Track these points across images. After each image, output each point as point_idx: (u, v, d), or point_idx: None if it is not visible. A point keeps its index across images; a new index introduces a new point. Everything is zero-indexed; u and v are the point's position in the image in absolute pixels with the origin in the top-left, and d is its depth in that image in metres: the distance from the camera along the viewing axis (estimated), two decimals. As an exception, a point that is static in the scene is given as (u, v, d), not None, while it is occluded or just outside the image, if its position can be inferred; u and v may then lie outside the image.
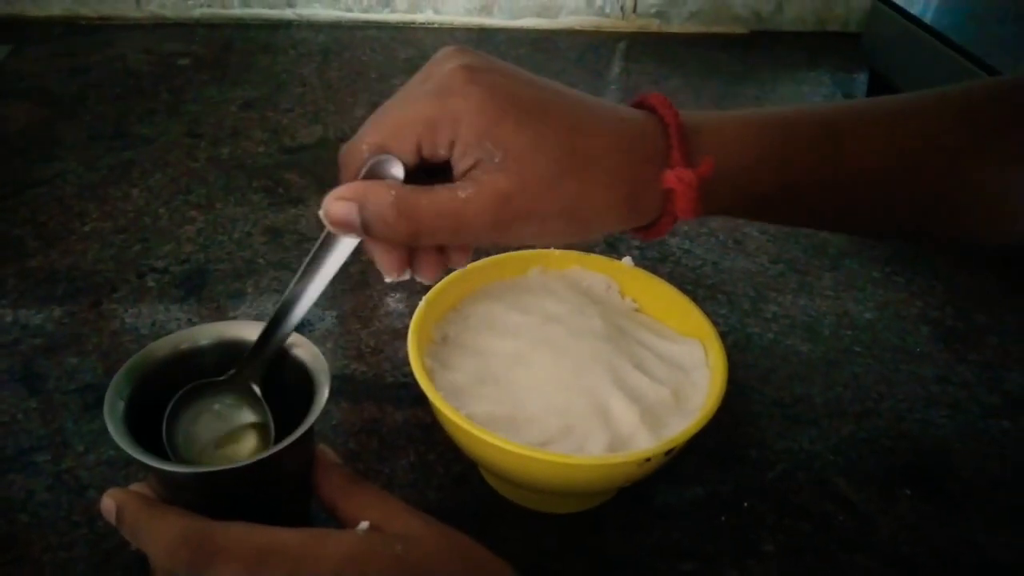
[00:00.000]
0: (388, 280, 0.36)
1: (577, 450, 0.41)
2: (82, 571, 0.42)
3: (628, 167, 0.35)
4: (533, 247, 0.32)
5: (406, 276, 0.36)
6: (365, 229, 0.33)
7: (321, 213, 0.33)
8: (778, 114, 0.40)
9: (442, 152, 0.33)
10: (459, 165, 0.33)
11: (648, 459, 0.40)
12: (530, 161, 0.33)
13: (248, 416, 0.37)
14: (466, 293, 0.50)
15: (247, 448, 0.37)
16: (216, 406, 0.37)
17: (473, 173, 0.33)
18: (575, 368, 0.45)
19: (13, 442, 0.49)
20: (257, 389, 0.37)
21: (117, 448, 0.48)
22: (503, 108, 0.32)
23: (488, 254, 0.51)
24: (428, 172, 0.34)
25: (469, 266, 0.50)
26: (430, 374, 0.44)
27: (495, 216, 0.33)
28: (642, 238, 0.39)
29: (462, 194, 0.32)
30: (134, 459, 0.33)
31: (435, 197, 0.33)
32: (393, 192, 0.32)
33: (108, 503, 0.33)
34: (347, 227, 0.33)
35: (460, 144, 0.33)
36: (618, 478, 0.43)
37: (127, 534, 0.33)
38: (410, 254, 0.35)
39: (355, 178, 0.34)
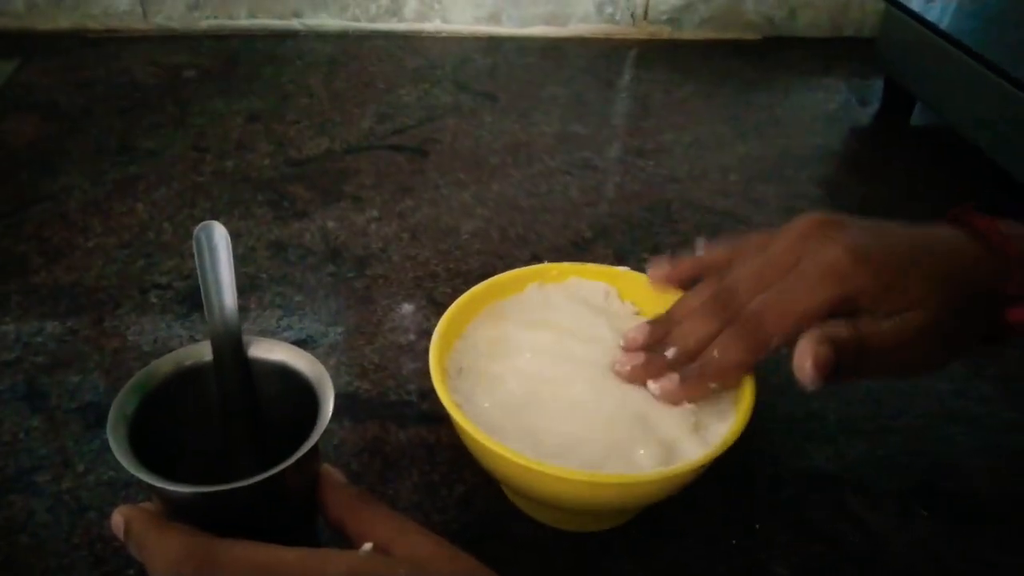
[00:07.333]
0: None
1: (626, 468, 0.40)
2: (81, 595, 0.42)
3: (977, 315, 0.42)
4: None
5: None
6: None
7: (804, 365, 0.39)
8: None
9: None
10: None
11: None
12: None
13: None
14: (470, 319, 0.49)
15: None
16: None
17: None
18: (594, 389, 0.44)
19: (15, 462, 0.49)
20: None
21: (117, 468, 0.48)
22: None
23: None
24: None
25: (469, 292, 0.49)
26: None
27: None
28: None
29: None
30: (136, 478, 0.32)
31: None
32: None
33: (117, 518, 0.33)
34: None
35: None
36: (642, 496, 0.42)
37: (133, 549, 0.33)
38: None
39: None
